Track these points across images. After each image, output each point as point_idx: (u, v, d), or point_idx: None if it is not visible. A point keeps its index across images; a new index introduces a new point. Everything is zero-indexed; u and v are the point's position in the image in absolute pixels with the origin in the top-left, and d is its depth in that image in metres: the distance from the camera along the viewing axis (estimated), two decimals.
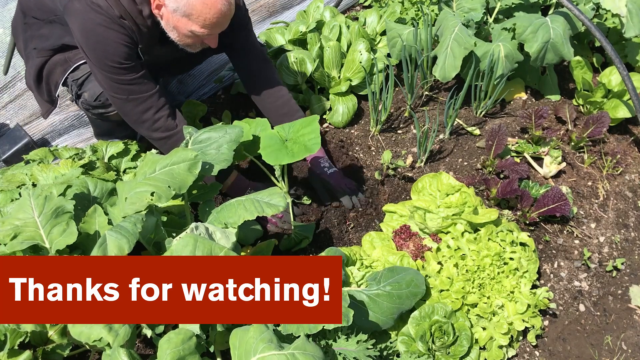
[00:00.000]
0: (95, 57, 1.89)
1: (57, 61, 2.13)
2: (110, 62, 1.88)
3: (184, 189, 1.59)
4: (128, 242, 1.37)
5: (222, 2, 1.78)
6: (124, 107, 2.01)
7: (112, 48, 1.86)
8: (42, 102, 2.28)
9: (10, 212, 1.63)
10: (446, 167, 2.44)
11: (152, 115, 2.01)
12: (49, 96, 2.24)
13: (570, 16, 2.42)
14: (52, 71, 2.15)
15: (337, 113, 2.63)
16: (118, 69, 1.90)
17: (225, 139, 1.85)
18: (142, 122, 2.03)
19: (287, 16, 3.32)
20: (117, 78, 1.92)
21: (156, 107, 2.01)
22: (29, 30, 2.14)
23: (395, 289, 1.71)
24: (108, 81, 1.93)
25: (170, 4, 1.79)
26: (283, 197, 1.66)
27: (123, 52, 1.88)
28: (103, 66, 1.90)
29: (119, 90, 1.95)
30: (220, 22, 1.84)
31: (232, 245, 1.56)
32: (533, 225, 2.20)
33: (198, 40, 1.92)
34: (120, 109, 2.04)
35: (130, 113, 2.02)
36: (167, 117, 2.03)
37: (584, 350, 1.92)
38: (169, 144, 2.06)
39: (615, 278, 2.12)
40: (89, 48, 1.88)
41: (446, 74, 2.44)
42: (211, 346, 1.55)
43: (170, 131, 2.05)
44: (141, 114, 2.00)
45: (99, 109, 2.17)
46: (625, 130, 2.61)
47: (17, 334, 1.51)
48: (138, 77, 1.95)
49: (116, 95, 1.97)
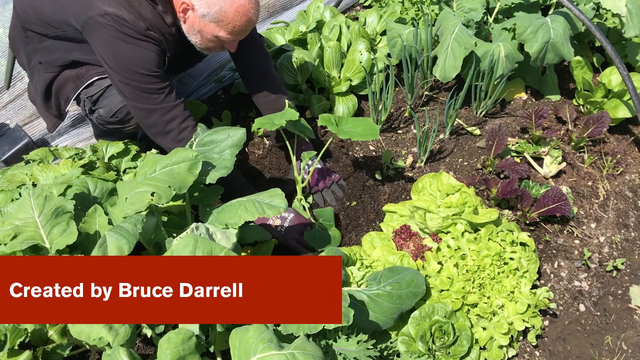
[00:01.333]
0: (124, 68, 1.86)
1: (69, 77, 2.10)
2: (141, 69, 1.86)
3: (185, 189, 1.59)
4: (128, 243, 1.37)
5: (252, 10, 1.81)
6: (149, 118, 1.97)
7: (144, 56, 1.85)
8: (49, 117, 2.25)
9: (11, 212, 1.63)
10: (446, 167, 2.44)
11: (178, 125, 1.98)
12: (58, 110, 2.21)
13: (571, 16, 2.42)
14: (62, 87, 2.13)
15: (337, 113, 2.63)
16: (149, 76, 1.88)
17: (227, 143, 1.82)
18: (167, 133, 1.99)
19: (287, 16, 3.32)
20: (146, 87, 1.90)
21: (182, 117, 1.98)
22: (30, 43, 2.10)
23: (396, 289, 1.71)
24: (135, 91, 1.91)
25: (200, 9, 1.79)
26: (284, 198, 1.66)
27: (154, 60, 1.87)
28: (133, 76, 1.87)
29: (146, 101, 1.93)
30: (247, 29, 1.86)
31: (232, 246, 1.56)
32: (533, 225, 2.20)
33: (219, 44, 1.93)
34: (145, 120, 2.00)
35: (155, 124, 1.98)
36: (192, 127, 2.00)
37: (584, 350, 1.92)
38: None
39: (616, 278, 2.12)
40: (117, 59, 1.86)
41: (447, 74, 2.44)
42: (211, 346, 1.55)
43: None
44: (166, 124, 1.97)
45: (115, 125, 2.16)
46: (626, 130, 2.61)
47: (17, 334, 1.51)
48: (165, 86, 1.94)
49: (141, 105, 1.94)
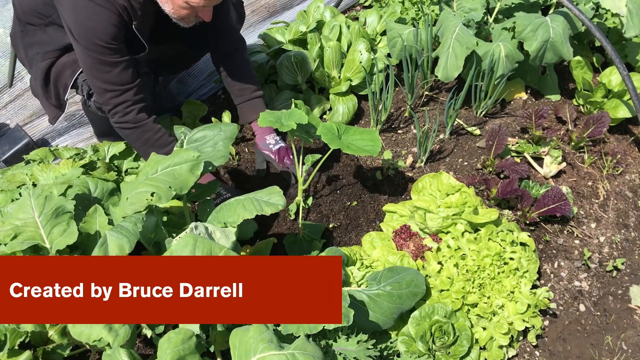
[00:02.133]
0: (84, 35, 1.87)
1: (65, 63, 2.13)
2: (98, 40, 1.86)
3: (186, 189, 1.59)
4: (129, 242, 1.37)
5: None
6: (103, 96, 2.00)
7: (102, 26, 1.85)
8: (50, 107, 2.27)
9: (11, 212, 1.63)
10: (446, 167, 2.44)
11: (123, 109, 2.01)
12: (57, 100, 2.23)
13: (570, 16, 2.42)
14: (60, 73, 2.15)
15: (337, 113, 2.63)
16: (104, 48, 1.88)
17: (221, 137, 1.88)
18: (114, 114, 2.02)
19: (288, 16, 3.32)
20: (102, 59, 1.90)
21: (131, 101, 2.00)
22: (26, 37, 2.13)
23: (396, 289, 1.71)
24: (92, 62, 1.91)
25: None
26: (282, 196, 1.67)
27: (112, 32, 1.87)
28: (89, 45, 1.88)
29: (100, 73, 1.93)
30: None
31: (231, 245, 1.56)
32: (533, 225, 2.20)
33: (193, 13, 1.91)
34: (100, 98, 2.02)
35: (106, 102, 2.01)
36: (138, 110, 2.03)
37: (584, 350, 1.92)
38: (136, 134, 2.07)
39: (616, 278, 2.12)
40: (78, 25, 1.86)
41: (448, 73, 2.44)
42: (211, 346, 1.55)
43: (139, 122, 2.05)
44: (115, 106, 2.00)
45: None
46: (626, 130, 2.61)
47: (17, 334, 1.51)
48: (122, 61, 1.93)
49: (97, 81, 1.95)
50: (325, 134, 1.97)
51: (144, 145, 2.09)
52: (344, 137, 2.04)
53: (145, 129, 2.06)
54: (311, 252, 2.05)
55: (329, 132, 1.99)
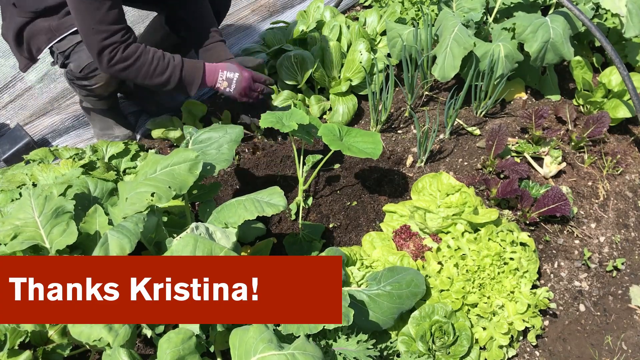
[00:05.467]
0: None
1: (41, 28, 2.10)
2: None
3: (185, 189, 1.59)
4: (130, 242, 1.37)
5: None
6: (89, 36, 1.93)
7: None
8: (21, 58, 2.24)
9: (11, 212, 1.63)
10: (446, 167, 2.44)
11: (110, 52, 1.94)
12: (30, 54, 2.21)
13: (570, 16, 2.42)
14: (34, 36, 2.12)
15: (338, 113, 2.63)
16: None
17: (226, 139, 1.87)
18: (102, 57, 1.96)
19: (288, 16, 3.33)
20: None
21: (119, 42, 1.95)
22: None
23: (396, 289, 1.71)
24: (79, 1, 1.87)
25: None
26: (283, 197, 1.67)
27: None
28: None
29: (88, 12, 1.87)
30: None
31: (232, 245, 1.56)
32: (533, 225, 2.20)
33: None
34: (86, 38, 1.96)
35: (92, 45, 1.95)
36: (125, 47, 1.96)
37: (584, 350, 1.92)
38: (133, 72, 2.01)
39: (616, 278, 2.12)
40: None
41: (445, 73, 2.45)
42: (211, 346, 1.55)
43: (129, 58, 1.99)
44: (103, 49, 1.94)
45: (82, 81, 2.18)
46: (626, 130, 2.61)
47: (17, 334, 1.51)
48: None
49: (84, 17, 1.89)
50: (327, 135, 1.97)
51: (145, 79, 2.04)
52: (346, 138, 2.03)
53: (139, 63, 1.99)
54: (311, 252, 2.05)
55: (330, 133, 1.99)
